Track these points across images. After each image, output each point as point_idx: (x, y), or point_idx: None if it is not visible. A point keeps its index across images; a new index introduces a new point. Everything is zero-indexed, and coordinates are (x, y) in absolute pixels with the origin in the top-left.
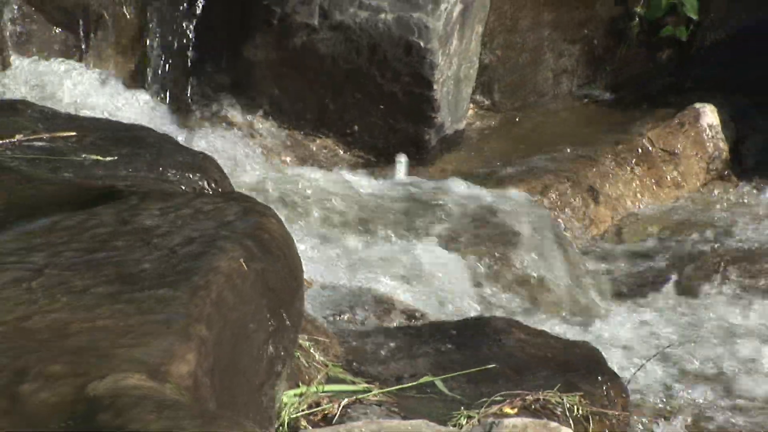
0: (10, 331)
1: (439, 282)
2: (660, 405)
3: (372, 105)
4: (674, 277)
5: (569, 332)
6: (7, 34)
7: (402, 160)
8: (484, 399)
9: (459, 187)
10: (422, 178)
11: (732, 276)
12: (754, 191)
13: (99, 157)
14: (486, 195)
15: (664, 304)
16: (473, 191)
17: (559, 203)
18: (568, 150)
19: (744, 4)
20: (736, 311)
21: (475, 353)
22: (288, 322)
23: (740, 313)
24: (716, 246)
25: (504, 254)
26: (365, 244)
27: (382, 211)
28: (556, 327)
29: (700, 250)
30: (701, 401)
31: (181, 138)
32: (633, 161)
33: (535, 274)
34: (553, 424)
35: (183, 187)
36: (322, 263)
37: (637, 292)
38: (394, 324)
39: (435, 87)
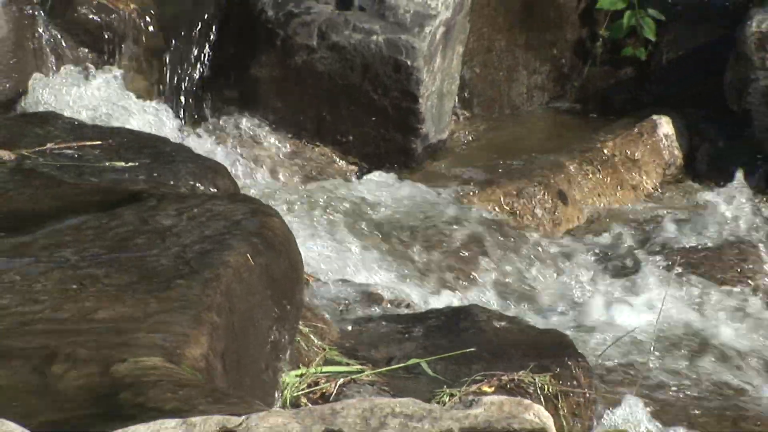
0: (45, 318)
1: (424, 274)
2: (622, 384)
3: (365, 117)
4: (635, 268)
5: (540, 319)
6: (43, 53)
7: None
8: (465, 379)
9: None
10: (411, 184)
11: (686, 267)
12: (706, 194)
13: (121, 164)
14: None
15: (626, 293)
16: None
17: (531, 204)
18: (540, 157)
19: (696, 28)
20: (690, 299)
21: (456, 338)
22: (290, 311)
23: (694, 300)
24: (671, 241)
25: (481, 250)
26: (359, 241)
27: (376, 214)
28: (528, 315)
29: (657, 244)
30: (660, 380)
31: (194, 146)
32: (597, 167)
33: (508, 268)
34: (526, 402)
35: (196, 191)
36: (321, 259)
37: (602, 283)
38: (385, 313)
39: (420, 101)
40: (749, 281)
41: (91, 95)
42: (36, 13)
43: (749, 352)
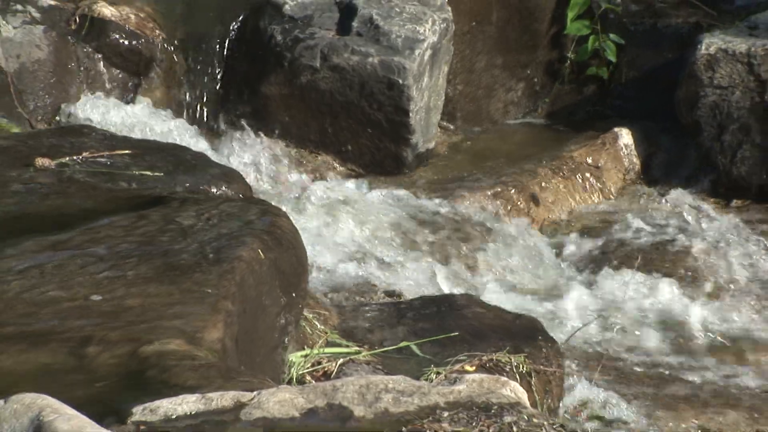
0: (79, 306)
1: (414, 266)
2: (587, 363)
3: (361, 129)
4: (598, 260)
5: (516, 306)
6: (80, 73)
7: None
8: (449, 359)
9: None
10: (400, 190)
11: (642, 261)
12: (660, 196)
13: (148, 172)
14: (446, 205)
15: (591, 284)
16: (435, 202)
17: (507, 206)
18: (515, 164)
19: (651, 51)
20: (644, 289)
21: (442, 323)
22: (295, 299)
23: (648, 290)
24: (631, 238)
25: (464, 245)
26: (357, 237)
27: (371, 213)
28: (505, 302)
29: (618, 240)
30: (619, 359)
31: (212, 155)
32: (565, 173)
33: (488, 261)
34: (503, 379)
35: (213, 194)
36: (324, 253)
37: (570, 275)
38: (379, 301)
39: (411, 115)
40: (692, 273)
41: (121, 110)
42: (73, 38)
43: (696, 334)
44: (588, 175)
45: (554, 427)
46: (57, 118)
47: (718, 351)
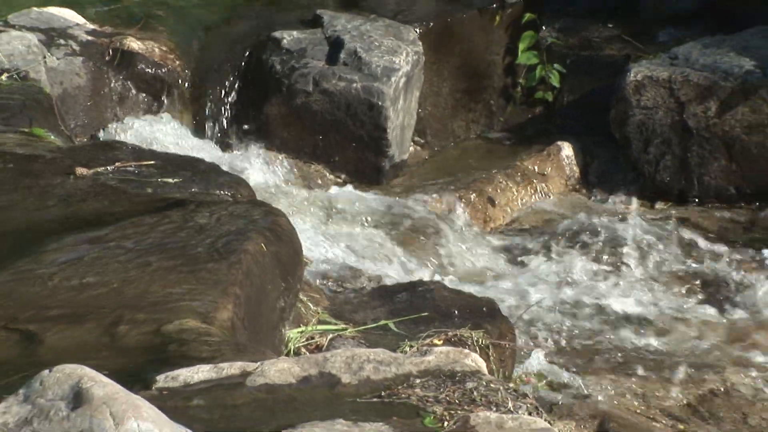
0: (112, 291)
1: (391, 257)
2: (536, 339)
3: (347, 143)
4: (545, 252)
5: (476, 290)
6: (112, 97)
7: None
8: (421, 335)
9: (398, 200)
10: (379, 194)
11: (583, 251)
12: (596, 199)
13: (169, 179)
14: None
15: (539, 270)
16: (415, 201)
17: (468, 207)
18: (475, 173)
19: (589, 77)
20: (585, 275)
21: (414, 305)
22: (293, 284)
23: (587, 276)
24: (571, 232)
25: (433, 239)
26: (344, 233)
27: (355, 213)
28: (466, 286)
29: (562, 235)
30: (563, 335)
31: (223, 165)
32: (517, 179)
33: (453, 252)
34: (466, 351)
35: (224, 198)
36: (317, 246)
37: (522, 263)
38: (362, 286)
39: (388, 131)
40: (621, 259)
41: (147, 128)
42: (107, 68)
43: (628, 312)
44: (536, 181)
45: (508, 390)
46: (93, 134)
47: (640, 326)
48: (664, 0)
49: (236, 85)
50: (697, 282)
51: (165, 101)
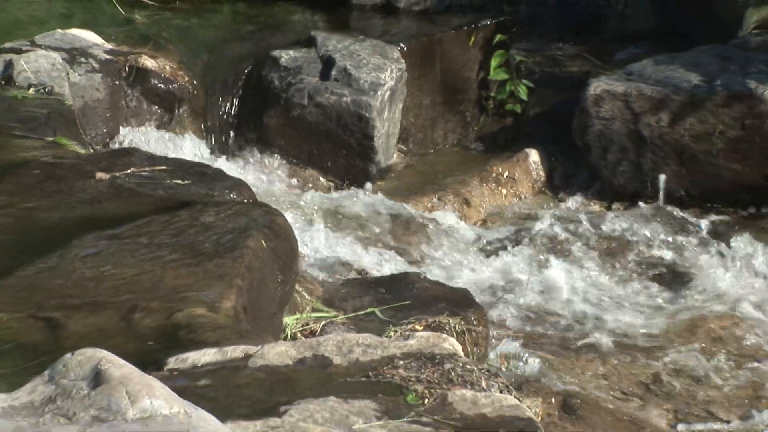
0: (128, 282)
1: (378, 251)
2: (507, 326)
3: (338, 151)
4: (516, 247)
5: (453, 281)
6: (128, 109)
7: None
8: (404, 321)
9: (384, 201)
10: (367, 196)
11: (548, 246)
12: (560, 200)
13: (179, 182)
14: (401, 207)
15: (510, 263)
16: (393, 204)
17: (444, 207)
18: (452, 176)
19: (553, 91)
20: (550, 268)
21: (399, 294)
22: (290, 276)
23: (552, 268)
24: (537, 229)
25: (415, 235)
26: (335, 230)
27: (345, 213)
28: (444, 278)
29: (530, 231)
30: (532, 322)
31: (227, 170)
32: (489, 182)
33: (432, 247)
34: (444, 336)
35: (228, 199)
36: (311, 242)
37: (494, 257)
38: (352, 278)
39: (375, 140)
40: (582, 253)
41: (159, 137)
42: (123, 83)
43: (589, 300)
44: (506, 184)
45: (482, 371)
46: (111, 142)
47: (599, 313)
48: (621, 22)
49: (239, 99)
50: (650, 273)
51: (175, 113)
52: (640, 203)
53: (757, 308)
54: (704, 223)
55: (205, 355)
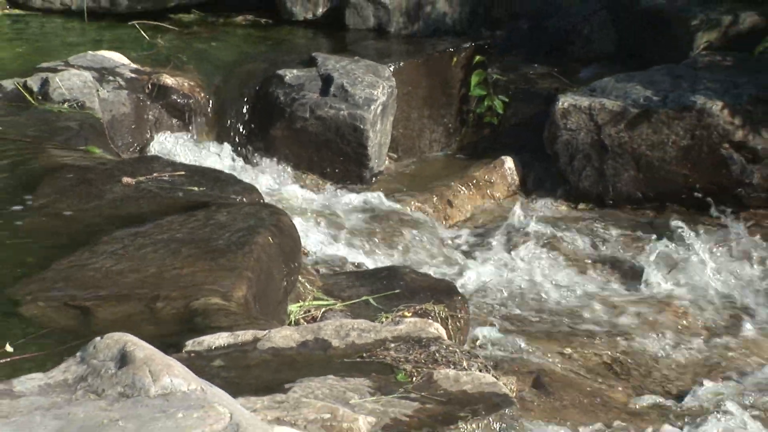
0: (151, 275)
1: (371, 247)
2: (485, 312)
3: (336, 158)
4: (492, 242)
5: (438, 273)
6: (151, 122)
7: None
8: (394, 308)
9: (376, 202)
10: (362, 198)
11: (522, 241)
12: (532, 202)
13: (196, 186)
14: (392, 207)
15: (488, 257)
16: (389, 203)
17: (431, 208)
18: (437, 181)
19: (526, 106)
20: (523, 261)
21: (390, 284)
22: (293, 269)
23: (525, 261)
24: (512, 227)
25: (404, 232)
26: (334, 228)
27: (342, 212)
28: (429, 270)
29: (505, 229)
30: (508, 309)
31: (238, 175)
32: (470, 186)
33: (419, 243)
34: (430, 321)
35: (239, 201)
36: (312, 238)
37: (474, 251)
38: (348, 270)
39: (368, 149)
40: (552, 248)
41: (178, 146)
42: (146, 98)
43: (558, 289)
44: (485, 187)
45: (463, 353)
46: (136, 151)
47: (566, 300)
48: (586, 45)
49: (248, 112)
50: (611, 265)
51: (192, 125)
52: (602, 205)
53: (702, 295)
54: (659, 222)
55: (219, 339)
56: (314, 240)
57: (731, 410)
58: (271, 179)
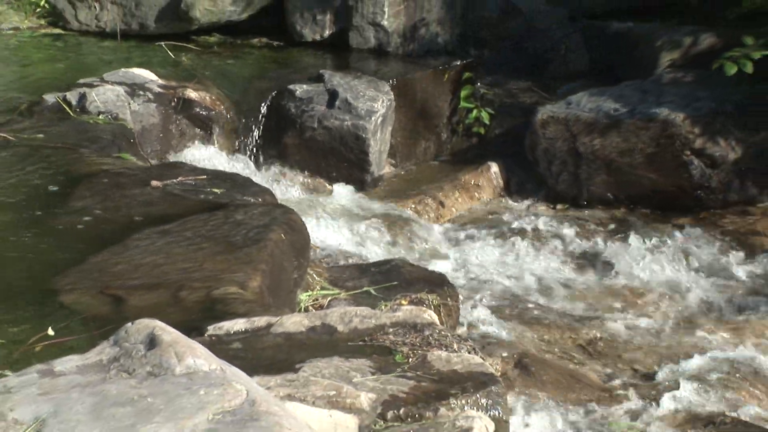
0: (176, 267)
1: (372, 242)
2: (474, 299)
3: (341, 164)
4: (480, 239)
5: (431, 266)
6: (176, 131)
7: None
8: (393, 297)
9: (377, 203)
10: (363, 199)
11: (506, 237)
12: (514, 203)
13: (216, 189)
14: (391, 207)
15: (476, 252)
16: (389, 204)
17: (424, 208)
18: (430, 184)
19: (510, 117)
20: (508, 255)
21: (388, 276)
22: (303, 263)
23: (509, 255)
24: (497, 225)
25: (400, 230)
26: (339, 226)
27: (347, 213)
28: (423, 263)
29: (491, 226)
30: (496, 295)
31: (254, 179)
32: (460, 189)
33: (414, 238)
34: (424, 309)
35: (254, 202)
36: (320, 235)
37: (463, 246)
38: (352, 263)
39: (370, 155)
40: (532, 244)
41: (200, 153)
42: (173, 110)
43: (538, 280)
44: (473, 190)
45: (454, 336)
46: (163, 157)
47: (546, 290)
48: (563, 63)
49: (263, 122)
50: (586, 258)
51: (213, 134)
52: (577, 205)
53: (668, 285)
54: (628, 220)
55: (237, 324)
56: (322, 236)
57: (691, 386)
58: (282, 182)
